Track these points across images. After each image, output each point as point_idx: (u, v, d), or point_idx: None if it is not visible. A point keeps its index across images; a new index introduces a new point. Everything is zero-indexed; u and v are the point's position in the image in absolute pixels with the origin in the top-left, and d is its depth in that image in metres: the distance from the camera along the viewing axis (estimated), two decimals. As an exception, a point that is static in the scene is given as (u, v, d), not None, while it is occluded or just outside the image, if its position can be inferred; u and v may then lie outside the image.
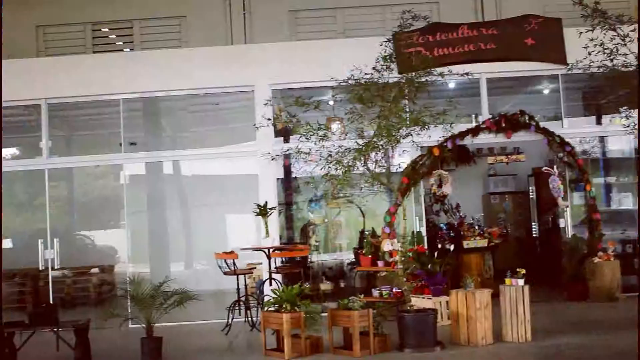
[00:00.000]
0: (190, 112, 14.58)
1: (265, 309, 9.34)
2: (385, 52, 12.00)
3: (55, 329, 9.36)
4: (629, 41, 11.36)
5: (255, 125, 12.54)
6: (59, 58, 14.14)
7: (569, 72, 13.02)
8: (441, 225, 14.15)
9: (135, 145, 13.55)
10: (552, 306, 12.40)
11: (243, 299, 11.38)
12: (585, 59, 11.95)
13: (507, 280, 9.62)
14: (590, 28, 11.49)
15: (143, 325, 9.49)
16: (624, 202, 14.42)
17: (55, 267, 12.97)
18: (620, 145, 14.50)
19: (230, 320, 11.22)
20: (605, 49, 11.59)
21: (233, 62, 13.20)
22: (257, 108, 12.86)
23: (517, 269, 9.60)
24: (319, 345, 9.25)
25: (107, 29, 15.65)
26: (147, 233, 13.86)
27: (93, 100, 13.29)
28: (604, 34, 11.51)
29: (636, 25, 11.31)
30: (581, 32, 11.84)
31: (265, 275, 11.80)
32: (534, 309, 9.71)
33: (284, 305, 9.02)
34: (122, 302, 10.84)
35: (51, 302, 12.59)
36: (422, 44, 13.07)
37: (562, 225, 13.73)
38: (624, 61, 11.51)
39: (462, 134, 12.99)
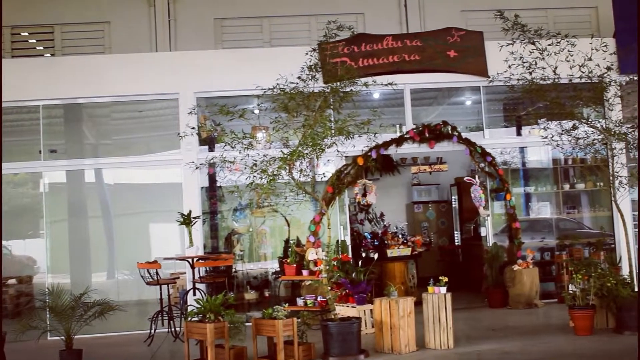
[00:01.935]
0: (114, 120, 14.31)
1: (189, 319, 9.22)
2: (310, 61, 12.03)
3: (-31, 343, 9.05)
4: (547, 55, 11.67)
5: (179, 133, 12.41)
6: (-25, 62, 13.71)
7: (490, 84, 13.32)
8: (365, 234, 14.24)
9: (56, 153, 13.23)
10: (474, 313, 12.63)
11: (166, 309, 11.23)
12: (505, 71, 12.23)
13: (430, 288, 9.76)
14: (511, 41, 11.76)
15: (62, 337, 9.27)
16: (543, 211, 14.77)
17: (-30, 279, 12.54)
18: (539, 155, 14.85)
19: (152, 331, 11.05)
20: (524, 62, 11.88)
21: (157, 69, 13.06)
22: (182, 116, 12.74)
23: (440, 277, 9.75)
24: (243, 355, 9.20)
25: (26, 33, 15.28)
26: (67, 243, 13.52)
27: (11, 106, 12.91)
28: (524, 47, 11.80)
29: (554, 40, 11.65)
30: (502, 45, 12.10)
31: (189, 285, 11.67)
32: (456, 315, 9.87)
33: (207, 315, 8.92)
34: (41, 314, 10.54)
35: (-35, 314, 12.16)
36: (347, 54, 13.18)
37: (483, 233, 14.00)
38: (542, 74, 11.82)
39: (386, 144, 13.15)
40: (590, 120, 11.91)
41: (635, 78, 11.63)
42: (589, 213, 14.76)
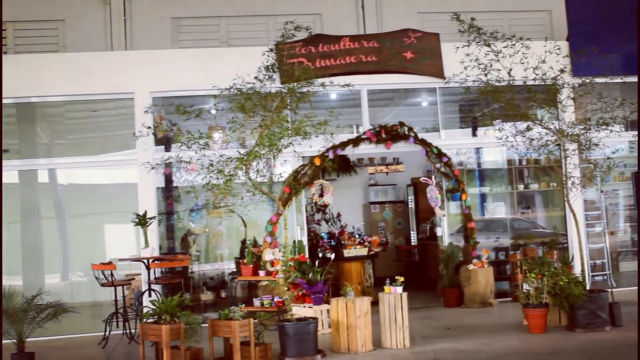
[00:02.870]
0: (68, 119, 14.12)
1: (144, 320, 9.14)
2: (267, 62, 12.02)
3: None
4: (502, 57, 11.80)
5: (135, 133, 12.30)
6: None
7: (446, 86, 13.44)
8: (322, 234, 14.27)
9: (8, 153, 13.00)
10: (430, 312, 12.72)
11: (121, 310, 11.11)
12: (461, 73, 12.32)
13: (386, 288, 9.82)
14: (467, 43, 11.86)
15: (14, 340, 9.11)
16: (498, 211, 14.94)
17: None
18: (494, 156, 15.02)
19: (107, 333, 10.93)
20: (480, 64, 11.99)
21: (112, 68, 12.92)
22: (137, 116, 12.62)
23: (396, 277, 9.81)
24: (199, 356, 9.14)
25: (-23, 31, 15.03)
26: (19, 244, 13.30)
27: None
28: (479, 49, 11.91)
29: (508, 42, 11.79)
30: (458, 47, 12.22)
31: (145, 286, 11.57)
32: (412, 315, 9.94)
33: (163, 317, 8.86)
34: (-9, 316, 10.35)
35: None
36: (304, 54, 13.19)
37: (439, 233, 14.09)
38: (497, 76, 11.95)
39: (343, 144, 13.19)
40: (543, 121, 12.06)
41: (587, 81, 11.81)
42: (542, 213, 14.99)
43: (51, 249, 13.47)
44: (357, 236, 14.08)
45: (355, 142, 13.32)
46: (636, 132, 13.31)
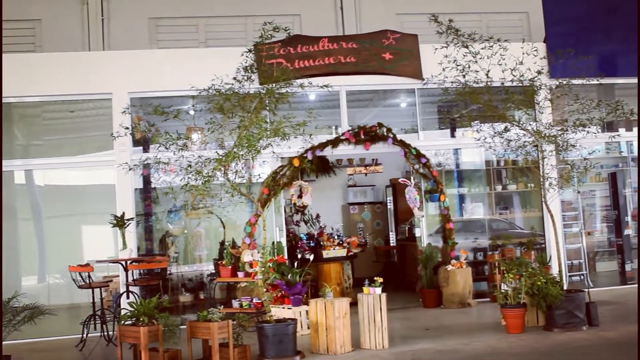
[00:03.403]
0: (45, 120, 14.00)
1: (122, 322, 9.09)
2: (246, 62, 12.01)
3: None
4: (480, 58, 11.87)
5: (112, 134, 12.23)
6: None
7: (425, 87, 13.49)
8: (301, 235, 14.26)
9: (-16, 153, 12.87)
10: (408, 313, 12.75)
11: (99, 312, 11.03)
12: (439, 74, 12.40)
13: (365, 289, 9.82)
14: (445, 45, 11.92)
15: (-10, 343, 9.01)
16: (476, 211, 15.00)
17: None
18: (472, 157, 15.07)
19: (85, 335, 10.84)
20: (458, 65, 12.06)
21: (90, 68, 12.82)
22: (115, 116, 12.53)
23: (375, 278, 9.82)
24: (178, 358, 9.11)
25: (-47, 31, 14.86)
26: (-4, 246, 13.18)
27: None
28: (457, 51, 11.97)
29: (486, 44, 11.85)
30: (436, 49, 12.28)
31: (122, 288, 11.50)
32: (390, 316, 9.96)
33: (141, 319, 8.81)
34: (-34, 319, 10.24)
35: None
36: (283, 55, 13.17)
37: (418, 234, 14.14)
38: (476, 77, 12.02)
39: (322, 145, 13.19)
40: (521, 122, 12.15)
41: (564, 82, 11.91)
42: (520, 213, 15.07)
43: (28, 251, 13.36)
44: (336, 237, 14.08)
45: (334, 143, 13.32)
46: (612, 134, 13.42)
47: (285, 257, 12.63)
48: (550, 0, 14.23)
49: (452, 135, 14.63)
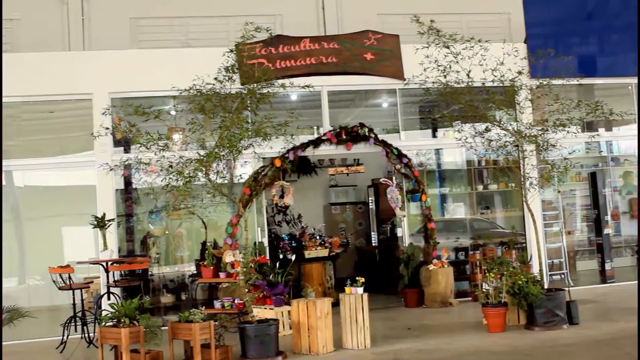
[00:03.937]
0: (24, 120, 13.88)
1: (103, 324, 9.04)
2: (227, 62, 11.98)
3: None
4: (461, 59, 11.92)
5: (93, 134, 12.15)
6: None
7: (406, 87, 13.52)
8: (283, 235, 14.25)
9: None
10: (390, 313, 12.78)
11: (79, 314, 10.97)
12: (421, 74, 12.43)
13: (347, 289, 9.83)
14: (426, 45, 11.96)
15: (-32, 345, 8.94)
16: (457, 211, 15.07)
17: None
18: (453, 157, 15.14)
19: (65, 337, 10.76)
20: (439, 65, 12.10)
21: (70, 68, 12.72)
22: (96, 117, 12.45)
23: (357, 278, 9.83)
24: (159, 360, 9.08)
25: None
26: (-26, 248, 13.07)
27: None
28: (439, 51, 12.01)
29: (467, 44, 11.90)
30: (417, 49, 12.31)
31: (103, 289, 11.44)
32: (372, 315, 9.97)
33: (122, 320, 8.77)
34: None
35: None
36: (264, 55, 13.15)
37: (399, 234, 14.17)
38: (457, 78, 12.06)
39: (303, 146, 13.17)
40: (502, 122, 12.22)
41: (545, 82, 11.98)
42: (501, 213, 15.16)
43: (7, 253, 13.21)
44: (318, 237, 14.10)
45: (316, 143, 13.31)
46: (592, 133, 13.54)
47: (267, 257, 12.61)
48: (531, 1, 14.34)
49: (434, 136, 14.68)
